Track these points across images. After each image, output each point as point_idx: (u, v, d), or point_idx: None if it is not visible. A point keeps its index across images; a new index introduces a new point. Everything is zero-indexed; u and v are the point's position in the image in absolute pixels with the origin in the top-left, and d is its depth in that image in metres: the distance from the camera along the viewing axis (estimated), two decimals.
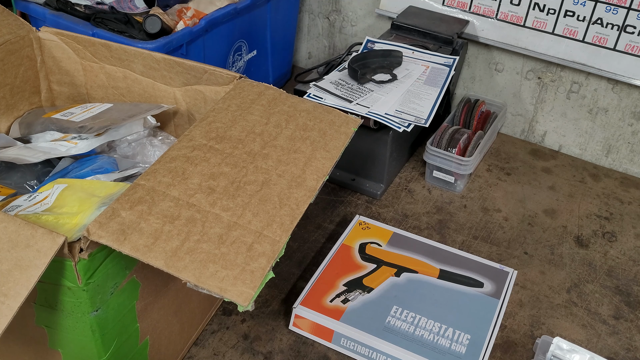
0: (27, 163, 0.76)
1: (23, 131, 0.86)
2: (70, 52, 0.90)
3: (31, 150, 0.78)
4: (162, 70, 0.85)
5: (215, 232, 0.57)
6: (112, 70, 0.89)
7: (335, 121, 0.75)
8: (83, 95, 0.94)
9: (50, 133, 0.81)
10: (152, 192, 0.60)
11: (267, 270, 0.55)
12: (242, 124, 0.71)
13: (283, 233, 0.59)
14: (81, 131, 0.78)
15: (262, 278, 0.55)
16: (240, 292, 0.53)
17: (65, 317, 0.61)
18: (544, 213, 1.09)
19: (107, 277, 0.60)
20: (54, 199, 0.66)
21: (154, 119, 0.85)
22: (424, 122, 0.99)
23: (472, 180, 1.16)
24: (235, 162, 0.65)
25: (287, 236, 0.59)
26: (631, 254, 1.01)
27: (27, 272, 0.52)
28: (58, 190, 0.67)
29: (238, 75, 0.79)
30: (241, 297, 0.53)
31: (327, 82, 1.06)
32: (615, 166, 1.23)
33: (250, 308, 0.53)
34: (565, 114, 1.24)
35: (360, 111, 0.99)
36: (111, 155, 0.86)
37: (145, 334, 0.70)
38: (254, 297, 0.53)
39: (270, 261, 0.56)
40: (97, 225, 0.55)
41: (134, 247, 0.54)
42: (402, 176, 1.16)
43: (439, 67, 1.12)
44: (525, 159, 1.23)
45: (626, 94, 1.16)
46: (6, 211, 0.65)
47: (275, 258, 0.57)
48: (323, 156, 0.70)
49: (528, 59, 1.22)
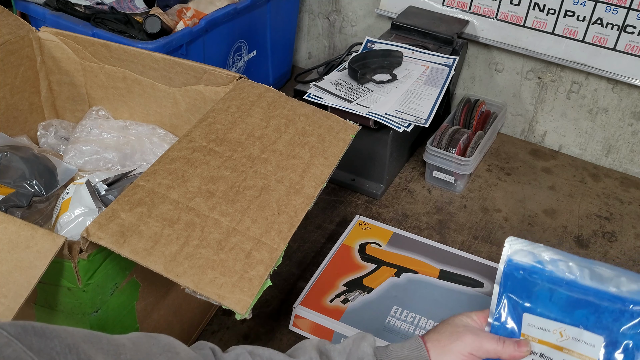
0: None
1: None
2: (70, 52, 0.90)
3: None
4: (161, 71, 0.85)
5: (215, 238, 0.57)
6: (112, 70, 0.89)
7: (334, 127, 0.75)
8: (83, 96, 0.94)
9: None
10: (151, 193, 0.60)
11: (265, 279, 0.56)
12: (242, 127, 0.71)
13: (281, 241, 0.59)
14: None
15: (260, 286, 0.55)
16: (238, 299, 0.53)
17: (66, 318, 0.61)
18: (544, 213, 1.09)
19: (107, 277, 0.60)
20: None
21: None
22: (424, 122, 0.99)
23: (472, 180, 1.16)
24: (234, 166, 0.65)
25: (285, 244, 0.59)
26: (631, 254, 1.01)
27: (27, 273, 0.52)
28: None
29: (238, 76, 0.79)
30: (239, 305, 0.53)
31: (327, 82, 1.06)
32: (615, 166, 1.23)
33: (248, 316, 0.53)
34: (565, 114, 1.24)
35: (360, 111, 0.99)
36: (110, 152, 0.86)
37: None
38: (252, 305, 0.53)
39: (268, 269, 0.56)
40: (96, 226, 0.55)
41: (133, 250, 0.54)
42: (402, 176, 1.16)
43: (439, 67, 1.12)
44: (525, 159, 1.23)
45: (626, 94, 1.16)
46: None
47: (273, 266, 0.57)
48: (321, 163, 0.70)
49: (528, 59, 1.22)
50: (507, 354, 0.55)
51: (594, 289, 0.54)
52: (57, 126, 0.94)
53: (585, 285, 0.54)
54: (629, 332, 0.53)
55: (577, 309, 0.54)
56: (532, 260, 0.56)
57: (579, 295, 0.54)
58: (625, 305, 0.53)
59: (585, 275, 0.54)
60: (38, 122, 0.94)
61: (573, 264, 0.55)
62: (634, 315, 0.53)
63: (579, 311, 0.54)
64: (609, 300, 0.53)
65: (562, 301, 0.55)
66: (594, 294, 0.54)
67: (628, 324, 0.53)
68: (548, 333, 0.55)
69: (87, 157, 0.86)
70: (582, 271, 0.55)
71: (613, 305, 0.53)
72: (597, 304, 0.54)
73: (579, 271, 0.55)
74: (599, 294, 0.54)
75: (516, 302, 0.57)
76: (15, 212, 0.75)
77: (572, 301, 0.55)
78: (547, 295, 0.55)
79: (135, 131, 0.89)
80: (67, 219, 0.69)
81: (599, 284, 0.54)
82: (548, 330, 0.55)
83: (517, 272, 0.57)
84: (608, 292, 0.53)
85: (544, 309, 0.56)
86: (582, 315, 0.54)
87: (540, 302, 0.56)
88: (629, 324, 0.53)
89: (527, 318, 0.56)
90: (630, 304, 0.53)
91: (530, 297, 0.56)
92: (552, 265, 0.56)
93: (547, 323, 0.55)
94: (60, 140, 0.93)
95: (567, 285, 0.55)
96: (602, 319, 0.53)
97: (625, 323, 0.53)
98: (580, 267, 0.55)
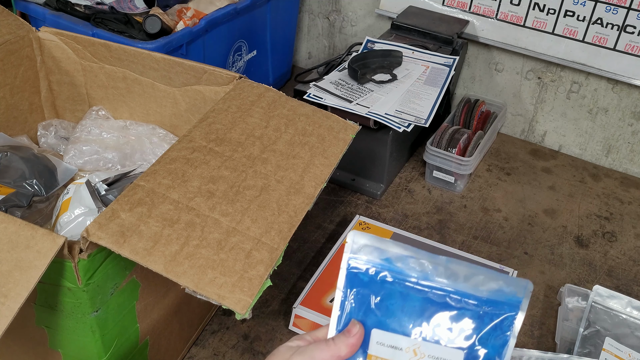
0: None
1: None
2: (70, 52, 0.90)
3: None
4: (161, 71, 0.85)
5: (215, 238, 0.57)
6: (112, 70, 0.89)
7: (334, 127, 0.75)
8: (83, 96, 0.94)
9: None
10: (151, 193, 0.60)
11: (265, 278, 0.55)
12: (242, 127, 0.71)
13: (281, 241, 0.59)
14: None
15: (260, 286, 0.55)
16: (238, 299, 0.53)
17: (66, 318, 0.61)
18: (544, 213, 1.09)
19: (107, 277, 0.60)
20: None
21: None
22: (424, 122, 0.99)
23: (472, 180, 1.16)
24: (234, 166, 0.65)
25: (285, 244, 0.59)
26: (631, 254, 1.01)
27: (27, 273, 0.52)
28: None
29: (238, 76, 0.79)
30: (239, 305, 0.53)
31: (327, 82, 1.06)
32: (615, 166, 1.23)
33: (248, 316, 0.53)
34: (565, 114, 1.24)
35: (360, 111, 0.99)
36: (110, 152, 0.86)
37: (145, 334, 0.70)
38: (252, 305, 0.53)
39: (268, 269, 0.56)
40: (96, 226, 0.55)
41: (133, 250, 0.54)
42: (402, 176, 1.16)
43: (439, 67, 1.12)
44: (525, 159, 1.23)
45: (626, 94, 1.16)
46: None
47: (273, 266, 0.57)
48: (321, 162, 0.70)
49: (528, 59, 1.22)
50: (344, 349, 0.47)
51: (449, 290, 0.47)
52: (57, 126, 0.94)
53: (440, 287, 0.47)
54: (488, 339, 0.46)
55: (432, 317, 0.47)
56: (378, 258, 0.48)
57: (434, 298, 0.47)
58: (482, 308, 0.46)
59: (439, 272, 0.47)
60: (38, 122, 0.94)
61: (425, 262, 0.47)
62: (493, 317, 0.46)
63: (435, 319, 0.47)
64: (466, 302, 0.46)
65: (416, 309, 0.47)
66: (450, 296, 0.47)
67: (485, 329, 0.46)
68: (400, 352, 0.47)
69: (87, 157, 0.86)
70: (435, 268, 0.47)
71: (471, 308, 0.46)
72: (454, 307, 0.47)
73: (432, 268, 0.47)
74: (456, 295, 0.46)
75: (362, 313, 0.48)
76: (15, 212, 0.75)
77: (426, 308, 0.47)
78: (399, 304, 0.47)
79: (135, 131, 0.89)
80: (67, 219, 0.69)
81: (454, 282, 0.46)
82: (400, 349, 0.47)
83: (362, 275, 0.48)
84: (465, 293, 0.46)
85: (395, 321, 0.47)
86: (438, 325, 0.47)
87: (391, 312, 0.47)
88: (486, 328, 0.46)
89: (375, 335, 0.47)
90: (488, 306, 0.46)
91: (380, 306, 0.47)
92: (402, 263, 0.47)
93: (398, 340, 0.47)
94: (60, 140, 0.93)
95: (420, 287, 0.47)
96: (461, 327, 0.46)
97: (483, 328, 0.46)
98: (434, 265, 0.47)
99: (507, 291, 0.46)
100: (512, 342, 0.46)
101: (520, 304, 0.46)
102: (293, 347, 0.48)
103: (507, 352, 0.46)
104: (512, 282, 0.46)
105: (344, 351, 0.46)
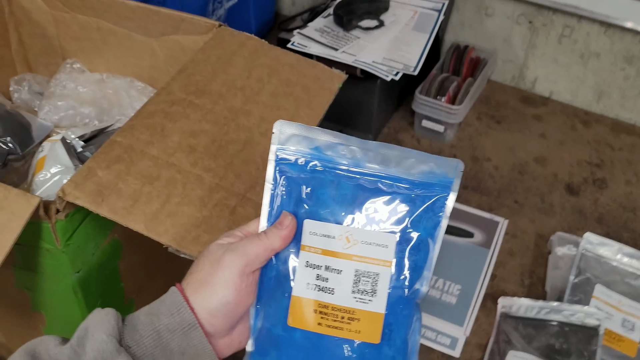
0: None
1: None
2: (39, 1, 0.85)
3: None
4: (137, 20, 0.81)
5: (197, 194, 0.55)
6: (85, 20, 0.84)
7: (319, 76, 0.72)
8: (56, 48, 0.90)
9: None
10: (129, 150, 0.57)
11: None
12: (223, 78, 0.68)
13: None
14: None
15: None
16: None
17: (46, 280, 0.59)
18: (534, 161, 1.07)
19: (87, 237, 0.58)
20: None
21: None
22: (413, 70, 0.97)
23: (461, 129, 1.14)
24: (216, 119, 0.63)
25: None
26: (621, 201, 1.00)
27: (2, 236, 0.50)
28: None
29: (217, 24, 0.75)
30: None
31: (311, 30, 1.03)
32: (607, 112, 1.21)
33: None
34: (556, 59, 1.21)
35: (347, 59, 0.96)
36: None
37: (131, 294, 0.69)
38: None
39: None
40: (72, 185, 0.53)
41: (112, 210, 0.52)
42: (391, 126, 1.14)
43: (427, 12, 1.08)
44: (516, 106, 1.21)
45: (618, 38, 1.13)
46: None
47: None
48: (307, 114, 0.67)
49: (519, 3, 1.18)
50: (277, 241, 0.45)
51: (381, 175, 0.46)
52: (30, 81, 0.90)
53: (371, 173, 0.46)
54: (420, 222, 0.46)
55: (364, 203, 0.46)
56: (307, 147, 0.47)
57: (366, 184, 0.46)
58: (414, 191, 0.46)
59: (370, 158, 0.46)
60: (10, 77, 0.90)
61: (356, 148, 0.46)
62: (425, 199, 0.46)
63: (367, 206, 0.46)
64: (397, 187, 0.46)
65: (348, 197, 0.46)
66: (382, 181, 0.46)
67: (417, 211, 0.46)
68: (333, 240, 0.46)
69: (62, 113, 0.83)
70: (366, 154, 0.46)
71: (403, 192, 0.46)
72: (386, 192, 0.46)
73: (363, 154, 0.46)
74: (387, 180, 0.46)
75: (293, 205, 0.46)
76: None
77: (358, 195, 0.46)
78: (330, 193, 0.46)
79: (113, 84, 0.86)
80: (42, 177, 0.66)
81: (385, 167, 0.46)
82: (332, 237, 0.46)
83: (292, 165, 0.46)
84: (396, 177, 0.46)
85: (327, 210, 0.46)
86: (371, 211, 0.46)
87: (323, 202, 0.46)
88: (418, 211, 0.46)
89: (308, 225, 0.46)
90: (419, 189, 0.46)
91: (311, 196, 0.46)
92: (332, 151, 0.47)
93: (331, 229, 0.46)
94: (35, 95, 0.89)
95: (351, 174, 0.46)
96: (393, 211, 0.46)
97: (415, 211, 0.46)
98: (365, 151, 0.46)
99: (438, 172, 0.46)
100: (444, 223, 0.46)
101: (451, 184, 0.46)
102: (224, 245, 0.46)
103: (439, 233, 0.46)
104: (443, 163, 0.46)
105: (277, 244, 0.45)
